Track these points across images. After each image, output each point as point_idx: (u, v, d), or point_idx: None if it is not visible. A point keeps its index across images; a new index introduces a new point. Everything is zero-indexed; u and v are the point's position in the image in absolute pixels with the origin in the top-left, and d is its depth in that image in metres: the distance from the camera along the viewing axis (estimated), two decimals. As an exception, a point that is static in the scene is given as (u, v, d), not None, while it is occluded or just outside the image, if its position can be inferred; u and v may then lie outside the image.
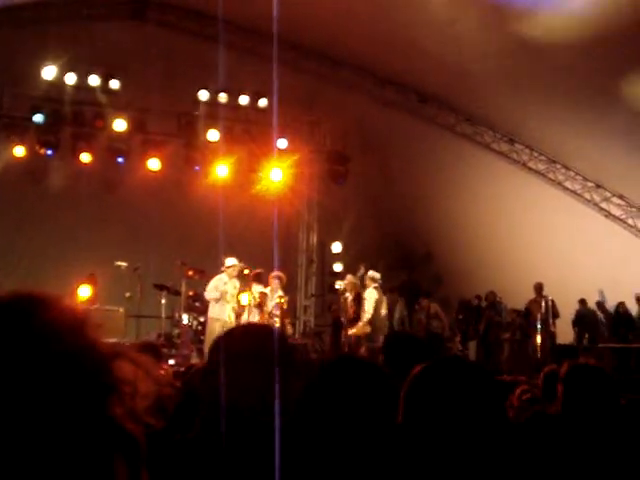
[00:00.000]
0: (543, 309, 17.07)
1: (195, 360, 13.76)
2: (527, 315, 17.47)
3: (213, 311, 14.80)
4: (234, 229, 15.22)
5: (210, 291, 14.81)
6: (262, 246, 15.38)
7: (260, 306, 14.81)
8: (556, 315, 17.25)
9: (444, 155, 19.30)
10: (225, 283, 14.86)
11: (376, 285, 15.56)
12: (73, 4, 17.48)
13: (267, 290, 15.34)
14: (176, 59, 17.60)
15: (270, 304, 15.47)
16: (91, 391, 1.43)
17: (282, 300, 15.42)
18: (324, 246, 19.80)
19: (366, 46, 17.76)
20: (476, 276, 18.62)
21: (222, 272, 14.91)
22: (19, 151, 16.93)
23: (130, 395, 1.51)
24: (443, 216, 19.30)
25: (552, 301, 17.25)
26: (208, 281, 15.46)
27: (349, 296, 16.17)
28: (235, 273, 14.92)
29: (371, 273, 15.89)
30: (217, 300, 14.70)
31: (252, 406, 2.54)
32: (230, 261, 14.86)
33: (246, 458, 2.45)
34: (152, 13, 18.61)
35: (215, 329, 14.28)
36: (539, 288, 17.29)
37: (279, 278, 15.37)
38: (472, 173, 19.21)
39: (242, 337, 2.73)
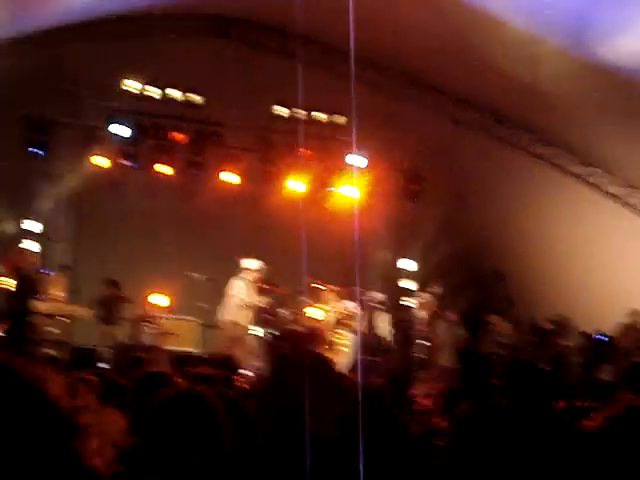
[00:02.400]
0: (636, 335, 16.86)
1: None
2: (608, 340, 17.24)
3: (233, 314, 14.84)
4: (309, 244, 15.27)
5: (235, 292, 14.91)
6: (336, 262, 15.50)
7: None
8: None
9: (519, 176, 19.19)
10: (248, 286, 15.01)
11: None
12: (155, 19, 17.82)
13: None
14: (255, 75, 17.86)
15: (329, 318, 15.61)
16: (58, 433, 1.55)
17: (341, 315, 15.56)
18: (397, 264, 19.80)
19: (443, 65, 17.78)
20: (549, 298, 18.44)
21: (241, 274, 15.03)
22: (99, 162, 17.31)
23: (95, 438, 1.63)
24: (517, 237, 19.17)
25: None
26: (282, 295, 15.63)
27: (423, 314, 16.21)
28: (258, 276, 15.06)
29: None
30: (237, 304, 14.85)
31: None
32: (251, 264, 14.97)
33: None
34: (233, 30, 18.90)
35: (237, 334, 14.50)
36: (635, 314, 17.06)
37: (341, 292, 15.52)
38: (547, 194, 19.05)
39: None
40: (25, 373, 1.59)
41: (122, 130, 17.28)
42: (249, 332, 15.32)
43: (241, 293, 14.94)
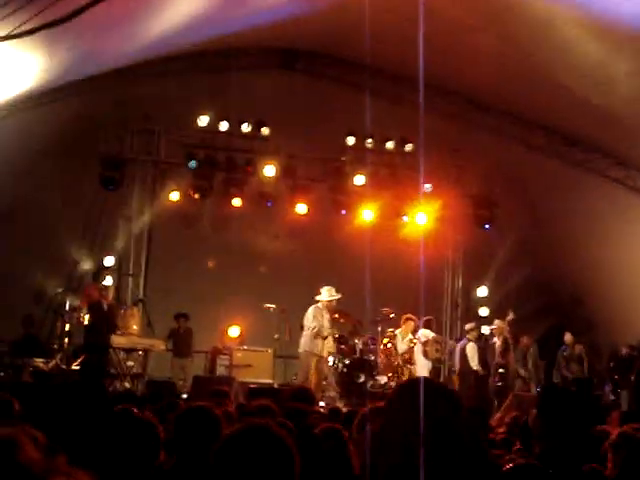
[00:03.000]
0: None
1: (339, 403, 13.87)
2: None
3: (308, 344, 14.85)
4: (380, 273, 15.29)
5: (309, 322, 14.92)
6: (407, 290, 15.44)
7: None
8: None
9: (594, 199, 18.88)
10: (322, 316, 14.98)
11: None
12: (225, 54, 18.11)
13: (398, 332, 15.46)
14: (323, 106, 17.99)
15: (400, 347, 15.54)
16: None
17: (412, 344, 15.51)
18: (469, 290, 19.67)
19: (511, 89, 17.67)
20: (628, 324, 18.07)
21: (318, 302, 15.06)
22: (174, 196, 17.58)
23: None
24: (593, 261, 18.84)
25: None
26: (354, 325, 15.61)
27: (497, 341, 16.03)
28: (332, 305, 15.06)
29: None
30: (314, 333, 14.83)
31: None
32: (329, 292, 14.98)
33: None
34: (300, 62, 19.08)
35: (311, 364, 14.43)
36: None
37: (412, 320, 15.47)
38: (624, 218, 18.69)
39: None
40: None
41: (195, 165, 17.50)
42: (326, 362, 15.33)
43: (319, 323, 14.96)
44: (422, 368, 15.90)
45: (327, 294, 15.17)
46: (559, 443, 3.69)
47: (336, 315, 15.97)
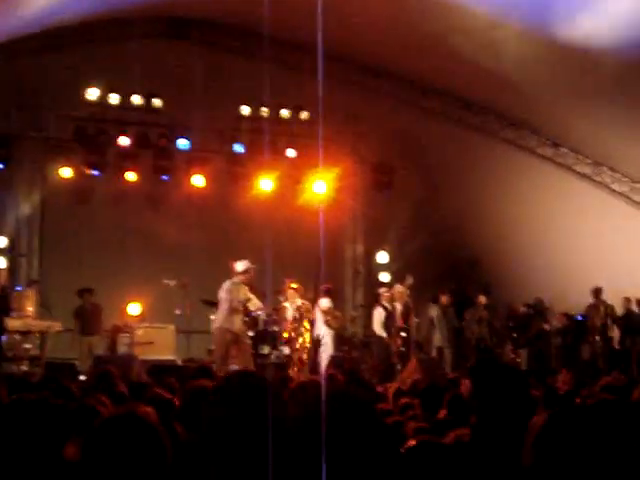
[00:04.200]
0: (602, 313, 16.97)
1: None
2: (585, 320, 17.35)
3: (224, 320, 14.36)
4: (279, 242, 15.24)
5: (225, 297, 14.45)
6: (308, 258, 15.42)
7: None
8: (615, 320, 17.11)
9: (489, 162, 19.18)
10: (239, 290, 14.64)
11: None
12: (115, 25, 17.67)
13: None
14: (218, 76, 17.71)
15: (289, 315, 15.49)
16: None
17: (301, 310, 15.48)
18: (370, 256, 19.79)
19: (407, 56, 17.73)
20: (524, 283, 18.46)
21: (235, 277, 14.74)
22: (66, 172, 17.15)
23: None
24: (490, 223, 19.17)
25: (611, 306, 17.15)
26: (257, 295, 15.46)
27: (398, 306, 16.18)
28: (248, 278, 14.69)
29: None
30: (230, 308, 14.41)
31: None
32: (243, 265, 14.62)
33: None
34: (194, 32, 18.74)
35: (226, 340, 14.02)
36: (597, 292, 17.16)
37: (294, 289, 15.41)
38: (517, 178, 19.06)
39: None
40: None
41: (85, 140, 17.08)
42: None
43: (235, 296, 14.50)
44: (325, 337, 15.91)
45: (240, 266, 14.78)
46: (493, 413, 3.72)
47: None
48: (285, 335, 15.27)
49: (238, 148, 18.09)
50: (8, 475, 2.87)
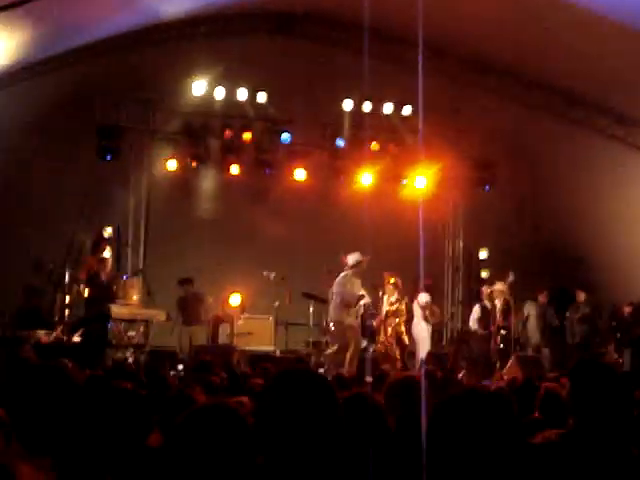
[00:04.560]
0: None
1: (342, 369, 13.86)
2: None
3: (335, 314, 14.48)
4: (379, 237, 15.23)
5: (340, 290, 14.50)
6: (407, 253, 15.33)
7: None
8: None
9: (595, 158, 18.77)
10: (352, 283, 14.72)
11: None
12: (221, 20, 17.93)
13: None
14: (321, 71, 17.81)
15: (384, 308, 15.46)
16: None
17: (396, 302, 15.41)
18: (470, 253, 19.61)
19: (511, 50, 17.50)
20: (630, 282, 18.03)
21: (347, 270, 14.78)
22: (171, 165, 17.50)
23: None
24: (595, 221, 18.75)
25: None
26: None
27: (498, 303, 16.02)
28: (360, 270, 14.75)
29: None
30: (341, 302, 14.48)
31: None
32: (355, 257, 14.65)
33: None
34: (297, 26, 18.87)
35: (343, 334, 14.14)
36: None
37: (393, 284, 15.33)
38: (626, 176, 18.60)
39: None
40: None
41: (191, 133, 17.42)
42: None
43: (348, 290, 14.62)
44: (423, 332, 15.89)
45: (352, 259, 14.87)
46: (593, 417, 3.63)
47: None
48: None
49: (340, 142, 18.17)
50: (91, 459, 2.97)
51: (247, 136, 17.70)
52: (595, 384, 3.73)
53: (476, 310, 16.56)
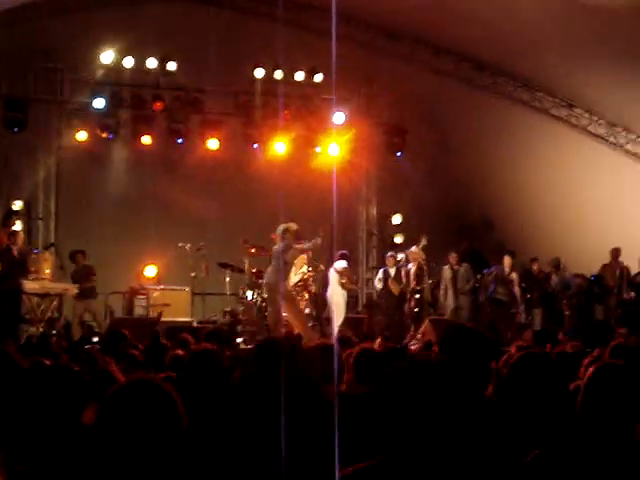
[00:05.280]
0: (617, 275, 16.98)
1: (259, 337, 13.93)
2: (599, 280, 17.34)
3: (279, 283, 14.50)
4: (294, 205, 15.31)
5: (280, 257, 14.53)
6: (322, 220, 15.47)
7: None
8: (631, 282, 17.09)
9: (502, 123, 19.14)
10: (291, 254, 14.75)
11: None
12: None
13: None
14: (231, 38, 17.66)
15: (293, 279, 15.58)
16: None
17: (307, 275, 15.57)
18: (384, 219, 19.82)
19: (421, 16, 17.64)
20: (539, 243, 18.48)
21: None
22: (81, 136, 17.22)
23: None
24: (503, 184, 19.14)
25: (627, 268, 17.15)
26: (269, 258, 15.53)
27: (412, 267, 16.27)
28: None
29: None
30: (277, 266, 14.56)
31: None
32: (281, 228, 14.62)
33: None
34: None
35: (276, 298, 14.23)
36: (615, 253, 17.16)
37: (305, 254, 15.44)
38: (531, 139, 19.02)
39: None
40: None
41: (101, 103, 17.15)
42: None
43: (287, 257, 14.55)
44: (339, 298, 16.04)
45: (279, 229, 14.68)
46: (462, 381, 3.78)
47: (252, 250, 15.97)
48: None
49: (252, 111, 18.10)
50: (27, 438, 2.98)
51: (158, 105, 17.50)
52: (460, 349, 3.91)
53: (380, 273, 16.95)
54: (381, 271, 17.21)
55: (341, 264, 16.23)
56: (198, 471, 3.32)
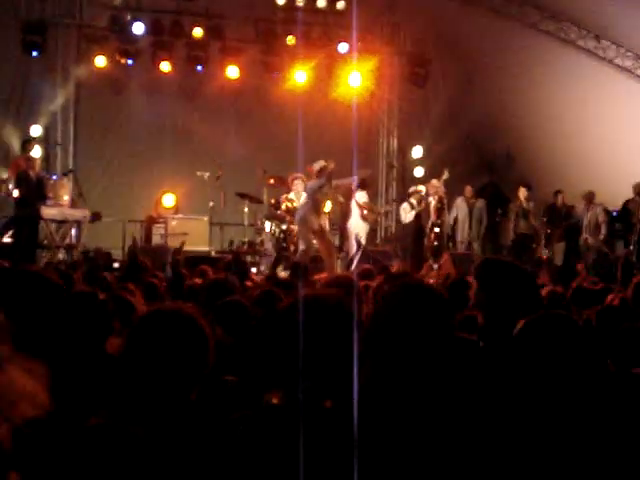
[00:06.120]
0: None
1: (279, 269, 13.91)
2: (622, 216, 17.04)
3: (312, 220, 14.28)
4: (314, 135, 15.18)
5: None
6: (342, 152, 15.32)
7: None
8: None
9: (527, 54, 18.75)
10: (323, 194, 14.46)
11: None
12: None
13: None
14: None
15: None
16: None
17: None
18: (405, 151, 19.62)
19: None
20: (562, 178, 18.25)
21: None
22: (100, 61, 17.01)
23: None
24: (526, 117, 18.83)
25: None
26: (288, 189, 15.41)
27: (432, 201, 16.14)
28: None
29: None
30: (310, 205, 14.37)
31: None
32: (318, 164, 14.40)
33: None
34: None
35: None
36: (638, 188, 16.79)
37: (301, 180, 15.10)
38: (556, 71, 18.64)
39: None
40: None
41: (120, 28, 16.92)
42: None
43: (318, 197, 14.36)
44: (360, 230, 15.92)
45: (316, 165, 14.47)
46: (500, 313, 3.72)
47: (271, 181, 15.88)
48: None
49: (273, 38, 17.81)
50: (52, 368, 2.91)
51: (178, 32, 17.25)
52: (497, 281, 3.83)
53: (404, 209, 16.64)
54: (406, 204, 16.78)
55: (362, 197, 16.09)
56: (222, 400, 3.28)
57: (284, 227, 15.19)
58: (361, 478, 2.29)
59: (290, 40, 17.66)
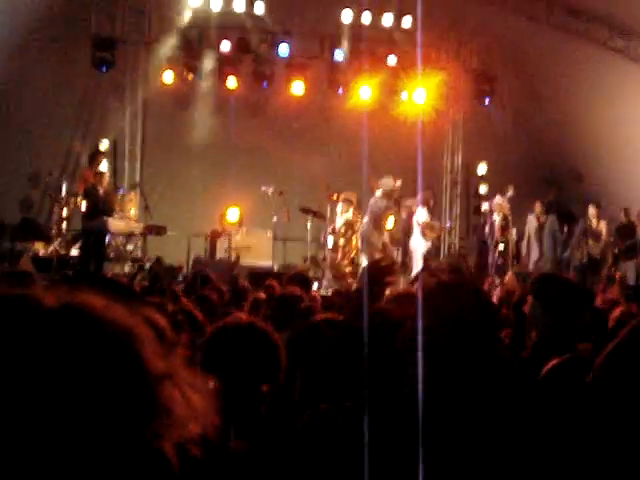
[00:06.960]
0: None
1: (335, 285, 13.93)
2: None
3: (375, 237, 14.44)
4: (378, 152, 15.16)
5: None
6: (406, 168, 15.30)
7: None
8: None
9: (595, 71, 18.51)
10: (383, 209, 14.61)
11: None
12: None
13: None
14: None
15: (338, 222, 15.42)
16: (131, 414, 1.16)
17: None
18: (469, 167, 19.50)
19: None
20: (628, 195, 17.95)
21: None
22: (167, 77, 17.26)
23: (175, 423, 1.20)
24: (594, 135, 18.58)
25: None
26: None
27: (497, 218, 16.00)
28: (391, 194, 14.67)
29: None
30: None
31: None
32: (389, 184, 14.49)
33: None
34: None
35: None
36: None
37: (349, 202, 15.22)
38: (626, 90, 18.37)
39: None
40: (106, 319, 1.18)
41: (187, 45, 17.15)
42: None
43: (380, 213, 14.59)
44: (420, 247, 15.87)
45: (386, 185, 14.64)
46: (555, 330, 3.67)
47: (335, 196, 15.91)
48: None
49: (338, 55, 17.86)
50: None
51: (244, 48, 17.42)
52: (553, 298, 3.78)
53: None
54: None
55: (422, 216, 16.00)
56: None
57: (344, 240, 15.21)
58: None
59: (355, 56, 17.69)
